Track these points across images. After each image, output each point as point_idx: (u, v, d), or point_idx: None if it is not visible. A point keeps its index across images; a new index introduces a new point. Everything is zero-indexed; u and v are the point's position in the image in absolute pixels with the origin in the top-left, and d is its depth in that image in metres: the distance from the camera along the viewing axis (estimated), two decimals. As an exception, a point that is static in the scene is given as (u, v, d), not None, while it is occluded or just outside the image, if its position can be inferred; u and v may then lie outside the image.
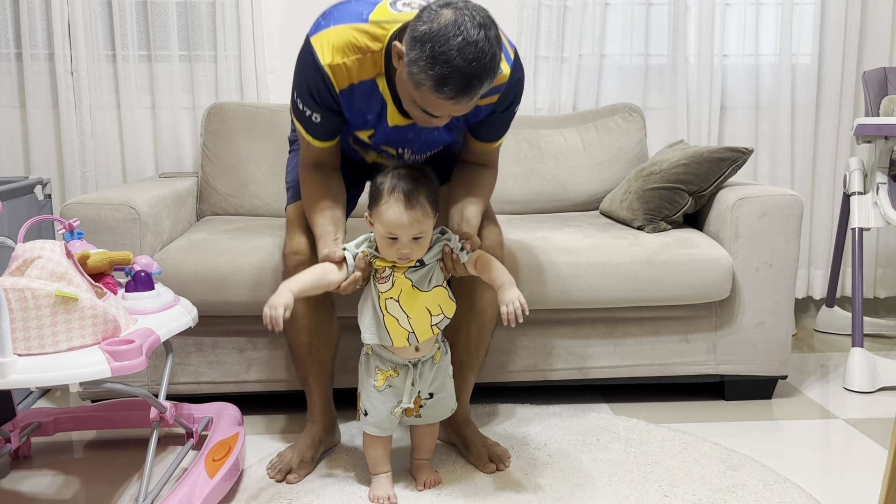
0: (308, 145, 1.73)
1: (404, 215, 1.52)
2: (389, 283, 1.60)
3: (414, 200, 1.53)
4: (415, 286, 1.60)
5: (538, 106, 2.96)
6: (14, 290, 1.38)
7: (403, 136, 1.74)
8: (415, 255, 1.58)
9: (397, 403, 1.66)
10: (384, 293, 1.61)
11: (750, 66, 3.00)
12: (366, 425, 1.68)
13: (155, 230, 2.12)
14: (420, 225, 1.54)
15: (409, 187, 1.54)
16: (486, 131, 1.77)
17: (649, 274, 2.11)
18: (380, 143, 1.77)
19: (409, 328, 1.62)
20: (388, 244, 1.56)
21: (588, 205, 2.74)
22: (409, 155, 1.82)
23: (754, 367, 2.24)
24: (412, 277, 1.60)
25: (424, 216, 1.54)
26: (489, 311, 1.85)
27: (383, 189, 1.56)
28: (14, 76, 2.77)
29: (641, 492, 1.70)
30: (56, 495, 1.74)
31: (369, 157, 1.87)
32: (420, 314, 1.62)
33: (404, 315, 1.61)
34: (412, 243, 1.56)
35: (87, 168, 2.79)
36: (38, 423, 1.93)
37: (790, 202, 2.17)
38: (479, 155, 1.82)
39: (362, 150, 1.85)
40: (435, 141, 1.79)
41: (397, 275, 1.60)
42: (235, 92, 2.83)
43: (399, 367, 1.66)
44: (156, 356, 2.07)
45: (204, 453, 1.69)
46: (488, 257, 1.65)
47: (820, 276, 3.13)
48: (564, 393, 2.29)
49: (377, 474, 1.71)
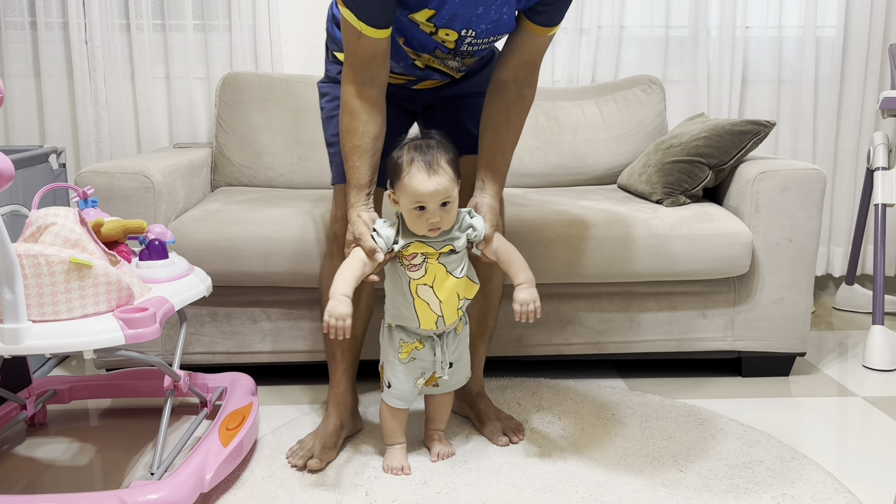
0: (360, 40, 1.54)
1: (429, 182, 1.50)
2: (423, 270, 1.58)
3: (436, 165, 1.51)
4: (449, 272, 1.59)
5: (556, 78, 2.92)
6: (28, 256, 1.38)
7: (472, 10, 1.55)
8: (445, 223, 1.55)
9: (421, 375, 1.66)
10: (416, 280, 1.59)
11: (773, 39, 2.94)
12: (389, 397, 1.68)
13: (169, 200, 2.11)
14: (446, 190, 1.52)
15: (428, 154, 1.52)
16: (549, 10, 1.59)
17: (667, 248, 2.09)
18: (442, 23, 1.57)
19: (439, 312, 1.61)
20: (417, 216, 1.53)
21: (606, 178, 2.71)
22: (472, 39, 1.62)
23: (772, 344, 2.21)
24: (446, 262, 1.58)
25: (449, 180, 1.52)
26: (494, 280, 1.84)
27: (402, 162, 1.53)
28: (28, 45, 2.76)
29: (656, 466, 1.69)
30: (71, 462, 1.75)
31: (421, 60, 1.70)
32: (451, 299, 1.61)
33: (436, 300, 1.60)
34: (441, 211, 1.53)
35: (101, 137, 2.78)
36: (53, 390, 1.94)
37: (812, 176, 2.13)
38: (527, 56, 1.65)
39: (413, 51, 1.67)
40: (502, 22, 1.60)
41: (430, 262, 1.58)
42: (250, 62, 2.81)
43: (424, 339, 1.65)
44: (170, 326, 2.07)
45: (218, 422, 1.69)
46: (509, 249, 1.64)
47: (840, 254, 3.09)
48: (579, 367, 2.28)
49: (392, 445, 1.70)
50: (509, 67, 1.67)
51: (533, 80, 1.70)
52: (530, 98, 1.72)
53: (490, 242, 1.63)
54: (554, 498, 1.55)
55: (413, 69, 1.73)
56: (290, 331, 2.13)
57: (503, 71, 1.68)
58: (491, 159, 1.69)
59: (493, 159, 1.69)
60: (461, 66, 1.73)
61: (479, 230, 1.61)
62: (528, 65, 1.68)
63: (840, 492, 1.58)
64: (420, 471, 1.67)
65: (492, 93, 1.70)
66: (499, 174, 1.69)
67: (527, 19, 1.61)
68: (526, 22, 1.61)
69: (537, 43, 1.65)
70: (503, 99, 1.68)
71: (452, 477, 1.64)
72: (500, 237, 1.65)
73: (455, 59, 1.70)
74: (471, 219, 1.61)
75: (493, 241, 1.63)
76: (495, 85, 1.70)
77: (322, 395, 2.08)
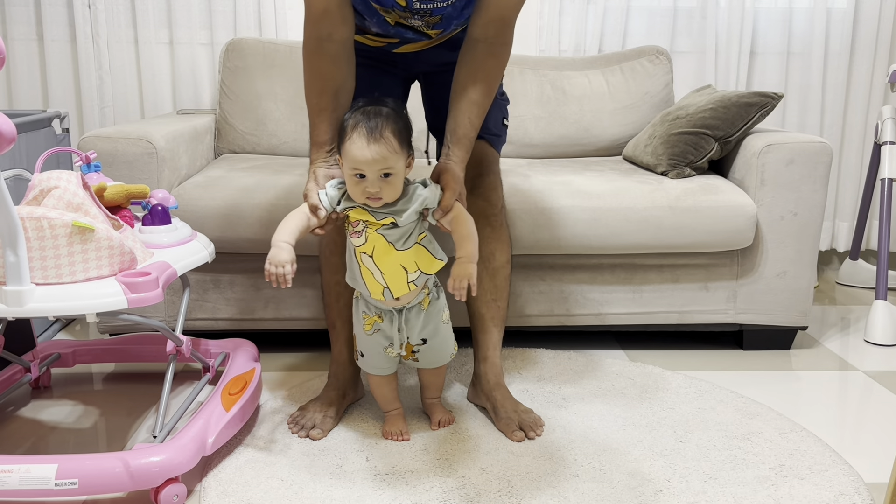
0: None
1: (367, 150, 1.43)
2: (363, 238, 1.53)
3: (378, 134, 1.44)
4: (389, 242, 1.53)
5: (563, 47, 2.90)
6: (31, 218, 1.38)
7: None
8: (385, 195, 1.48)
9: (389, 345, 1.64)
10: (357, 247, 1.55)
11: (783, 10, 2.91)
12: (364, 365, 1.68)
13: (172, 165, 2.10)
14: (385, 161, 1.44)
15: (372, 122, 1.45)
16: None
17: (671, 220, 2.08)
18: None
19: (383, 283, 1.56)
20: (355, 183, 1.47)
21: (611, 149, 2.69)
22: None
23: (774, 317, 2.22)
24: (385, 234, 1.52)
25: (390, 151, 1.44)
26: (498, 257, 1.78)
27: (347, 126, 1.47)
28: (31, 9, 2.74)
29: (655, 436, 1.70)
30: (75, 424, 1.76)
31: (390, 16, 1.63)
32: (395, 271, 1.54)
33: (378, 271, 1.54)
34: (381, 182, 1.46)
35: (104, 103, 2.77)
36: (57, 354, 1.96)
37: (819, 149, 2.12)
38: (495, 12, 1.56)
39: (381, 7, 1.61)
40: None
41: (370, 231, 1.52)
42: (254, 28, 2.79)
43: (384, 313, 1.62)
44: (172, 291, 2.08)
45: (220, 387, 1.70)
46: (463, 221, 1.54)
47: (845, 229, 3.08)
48: (580, 339, 2.28)
49: (388, 411, 1.71)
50: (478, 24, 1.58)
51: (505, 38, 1.61)
52: (504, 57, 1.62)
53: (448, 212, 1.53)
54: (553, 466, 1.56)
55: (386, 26, 1.66)
56: (293, 298, 2.13)
57: (473, 27, 1.59)
58: (457, 122, 1.60)
59: (459, 122, 1.60)
60: (426, 24, 1.65)
61: (429, 199, 1.52)
62: (498, 21, 1.58)
63: (837, 463, 1.59)
64: (420, 437, 1.68)
65: (463, 51, 1.62)
66: (465, 139, 1.60)
67: None
68: None
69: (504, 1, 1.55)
70: (472, 58, 1.59)
71: (452, 444, 1.65)
72: (459, 207, 1.55)
73: (415, 18, 1.62)
74: (423, 188, 1.53)
75: (452, 212, 1.53)
76: (466, 43, 1.61)
77: (324, 362, 2.09)
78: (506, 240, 1.80)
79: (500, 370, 1.82)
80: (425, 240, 1.57)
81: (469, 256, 1.52)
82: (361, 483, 1.50)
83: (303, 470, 1.55)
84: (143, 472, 1.36)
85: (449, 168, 1.57)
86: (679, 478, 1.53)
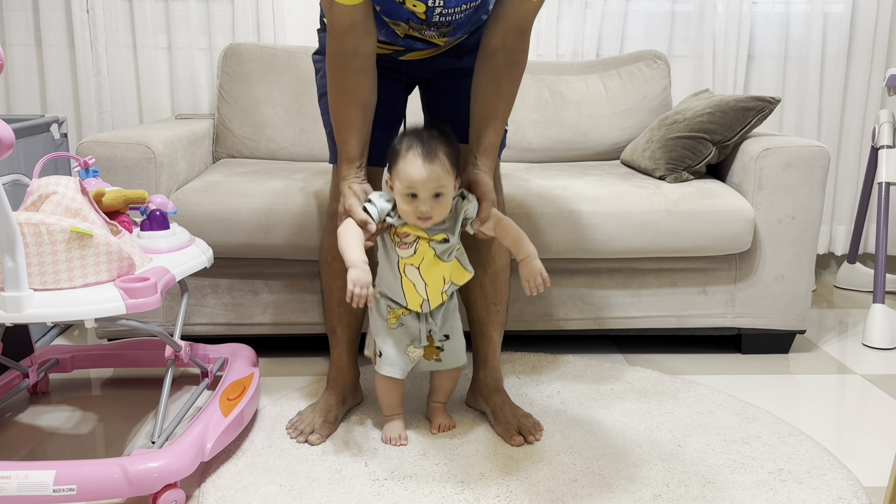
0: (332, 8, 1.48)
1: (423, 169, 1.48)
2: (412, 249, 1.57)
3: (433, 155, 1.49)
4: (437, 256, 1.58)
5: (560, 52, 2.90)
6: (29, 224, 1.38)
7: None
8: (436, 215, 1.53)
9: (410, 342, 1.66)
10: (404, 258, 1.58)
11: (780, 14, 2.92)
12: (383, 366, 1.67)
13: (171, 171, 2.10)
14: (440, 180, 1.50)
15: (427, 143, 1.50)
16: None
17: (669, 224, 2.08)
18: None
19: (424, 296, 1.61)
20: (408, 202, 1.51)
21: (609, 154, 2.70)
22: (442, 9, 1.54)
23: (772, 321, 2.22)
24: (436, 247, 1.58)
25: (444, 171, 1.50)
26: (498, 261, 1.79)
27: (401, 148, 1.52)
28: (30, 14, 2.74)
29: (654, 441, 1.70)
30: (73, 430, 1.76)
31: (400, 29, 1.63)
32: (436, 283, 1.61)
33: (422, 282, 1.60)
34: (433, 201, 1.51)
35: (103, 108, 2.77)
36: (55, 359, 1.95)
37: (816, 153, 2.12)
38: (514, 21, 1.56)
39: (391, 21, 1.60)
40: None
41: (422, 243, 1.57)
42: (252, 33, 2.79)
43: (409, 309, 1.65)
44: (171, 297, 2.08)
45: (219, 393, 1.70)
46: (507, 224, 1.61)
47: (843, 233, 3.08)
48: (579, 343, 2.28)
49: (390, 416, 1.72)
50: (496, 35, 1.58)
51: (523, 46, 1.62)
52: (522, 65, 1.63)
53: (487, 221, 1.59)
54: (552, 471, 1.56)
55: (395, 37, 1.67)
56: (292, 303, 2.13)
57: (491, 38, 1.59)
58: (482, 133, 1.62)
59: (484, 132, 1.62)
60: (439, 34, 1.65)
61: (471, 210, 1.58)
62: (517, 30, 1.58)
63: (836, 467, 1.59)
64: (419, 442, 1.68)
65: (481, 61, 1.63)
66: (491, 148, 1.63)
67: None
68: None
69: (523, 9, 1.55)
70: (492, 68, 1.60)
71: (451, 448, 1.65)
72: (497, 213, 1.62)
73: (430, 29, 1.62)
74: (463, 200, 1.59)
75: (492, 220, 1.60)
76: (484, 53, 1.61)
77: (323, 367, 2.09)
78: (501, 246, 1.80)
79: (499, 374, 1.82)
80: (459, 252, 1.64)
81: (531, 254, 1.59)
82: (360, 488, 1.50)
83: (301, 475, 1.54)
84: (142, 478, 1.36)
85: (480, 178, 1.61)
86: (678, 482, 1.53)
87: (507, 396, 1.80)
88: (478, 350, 1.83)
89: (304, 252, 2.04)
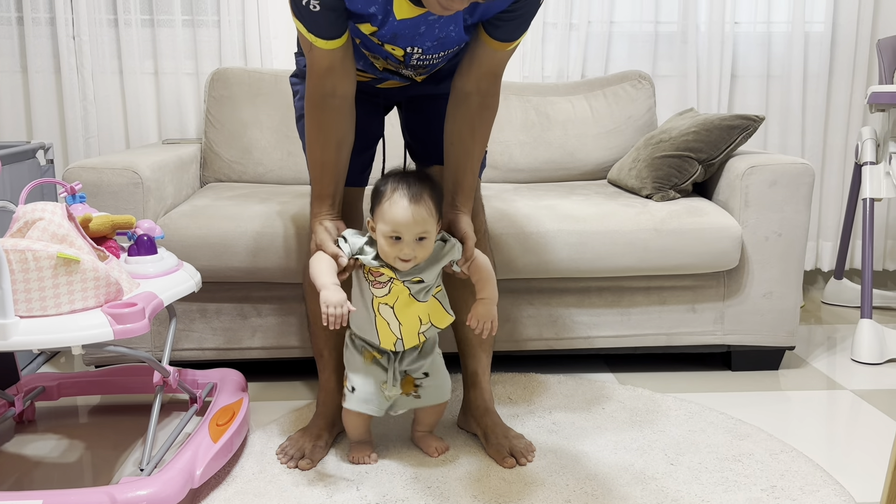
0: (312, 51, 1.51)
1: (408, 210, 1.47)
2: (386, 289, 1.56)
3: (418, 197, 1.49)
4: (412, 296, 1.57)
5: (546, 73, 2.92)
6: (15, 251, 1.37)
7: (414, 30, 1.52)
8: (419, 257, 1.52)
9: (385, 379, 1.64)
10: (379, 297, 1.57)
11: (762, 34, 2.96)
12: (352, 402, 1.64)
13: (158, 195, 2.10)
14: (425, 224, 1.49)
15: (413, 186, 1.50)
16: (508, 26, 1.53)
17: (657, 242, 2.09)
18: (385, 39, 1.55)
19: (398, 335, 1.60)
20: (391, 244, 1.50)
21: (596, 173, 2.71)
22: (419, 55, 1.59)
23: (762, 338, 2.22)
24: (411, 287, 1.57)
25: (429, 214, 1.50)
26: None
27: (386, 189, 1.51)
28: (16, 40, 2.74)
29: (647, 460, 1.69)
30: (60, 459, 1.74)
31: (378, 63, 1.66)
32: (411, 323, 1.60)
33: (396, 322, 1.58)
34: (416, 244, 1.50)
35: (89, 134, 2.77)
36: (41, 387, 1.93)
37: (801, 171, 2.14)
38: (487, 68, 1.59)
39: (371, 54, 1.63)
40: (449, 39, 1.56)
41: (396, 283, 1.56)
42: (239, 58, 2.80)
43: (381, 351, 1.64)
44: (159, 322, 2.06)
45: (208, 418, 1.68)
46: (482, 263, 1.61)
47: (829, 249, 3.11)
48: (570, 362, 2.28)
49: (358, 441, 1.71)
50: (470, 79, 1.61)
51: (495, 90, 1.64)
52: (494, 109, 1.66)
53: (470, 261, 1.60)
54: (545, 492, 1.55)
55: (373, 69, 1.69)
56: (280, 327, 2.12)
57: (464, 82, 1.61)
58: (460, 176, 1.64)
59: (462, 176, 1.64)
60: (416, 73, 1.69)
61: (455, 253, 1.59)
62: (490, 76, 1.61)
63: (829, 483, 1.59)
64: (411, 466, 1.67)
65: (454, 104, 1.64)
66: (469, 189, 1.66)
67: (485, 32, 1.55)
68: (484, 35, 1.55)
69: (496, 56, 1.59)
70: (466, 112, 1.63)
71: (443, 472, 1.64)
72: (478, 252, 1.62)
73: (408, 69, 1.66)
74: (444, 243, 1.58)
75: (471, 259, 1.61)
76: (457, 96, 1.63)
77: (312, 390, 2.08)
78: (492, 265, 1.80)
79: (489, 395, 1.81)
80: (440, 293, 1.63)
81: (491, 298, 1.60)
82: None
83: (292, 501, 1.53)
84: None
85: (461, 220, 1.63)
86: (671, 501, 1.52)
87: (497, 417, 1.79)
88: (467, 371, 1.82)
89: (292, 275, 2.03)
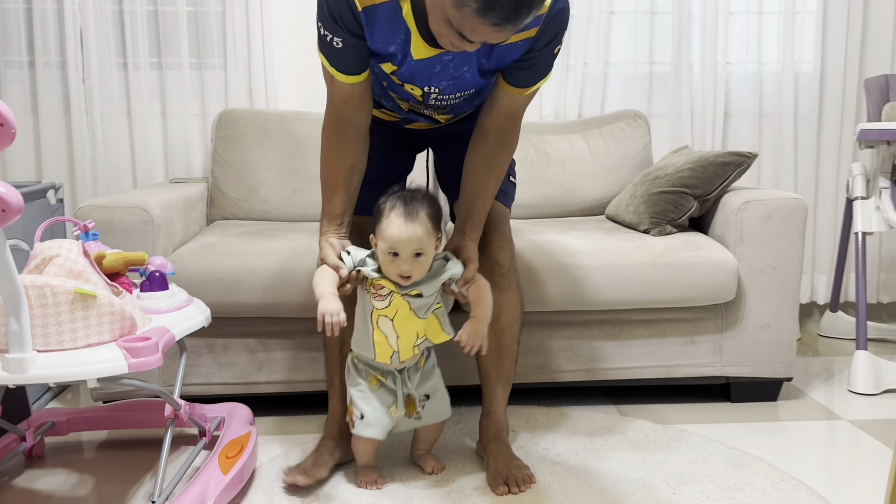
0: (333, 83, 1.63)
1: (404, 229, 1.55)
2: (387, 301, 1.62)
3: (414, 216, 1.57)
4: (412, 310, 1.63)
5: (544, 112, 3.00)
6: (34, 286, 1.41)
7: (430, 69, 1.61)
8: (416, 274, 1.59)
9: (393, 402, 1.69)
10: (379, 310, 1.63)
11: (753, 74, 3.04)
12: (363, 429, 1.69)
13: (167, 233, 2.14)
14: (420, 241, 1.57)
15: (409, 205, 1.58)
16: (523, 74, 1.62)
17: (655, 276, 2.14)
18: (404, 79, 1.65)
19: (395, 347, 1.65)
20: (390, 261, 1.59)
21: (594, 209, 2.77)
22: (437, 95, 1.68)
23: (759, 369, 2.26)
24: (410, 301, 1.63)
25: (425, 233, 1.57)
26: (504, 318, 1.81)
27: (384, 208, 1.60)
28: (27, 84, 2.80)
29: (650, 489, 1.72)
30: (70, 493, 1.76)
31: (403, 104, 1.76)
32: (409, 336, 1.66)
33: (394, 334, 1.64)
34: (413, 261, 1.58)
35: (97, 174, 2.82)
36: (51, 422, 1.96)
37: (794, 205, 2.20)
38: (506, 110, 1.69)
39: (397, 96, 1.74)
40: (465, 80, 1.65)
41: (396, 296, 1.62)
42: (245, 99, 2.87)
43: (385, 374, 1.70)
44: (169, 356, 2.09)
45: (217, 451, 1.71)
46: (479, 285, 1.68)
47: (824, 282, 3.15)
48: (572, 394, 2.31)
49: (365, 466, 1.75)
50: (490, 118, 1.71)
51: (514, 130, 1.74)
52: (512, 148, 1.76)
53: (472, 283, 1.67)
54: (550, 521, 1.58)
55: (399, 110, 1.79)
56: (287, 361, 2.15)
57: (485, 121, 1.73)
58: (472, 206, 1.73)
59: (473, 206, 1.73)
60: (438, 114, 1.78)
61: (456, 273, 1.65)
62: (509, 117, 1.71)
63: (829, 511, 1.62)
64: (405, 486, 1.70)
65: (475, 139, 1.75)
66: (479, 218, 1.74)
67: (503, 79, 1.65)
68: (501, 80, 1.66)
69: (515, 101, 1.68)
70: (485, 147, 1.73)
71: (440, 496, 1.66)
72: (479, 276, 1.70)
73: (428, 110, 1.75)
74: (446, 262, 1.66)
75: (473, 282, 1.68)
76: (478, 132, 1.74)
77: (319, 425, 2.10)
78: (514, 301, 1.84)
79: (502, 425, 1.86)
80: (440, 311, 1.69)
81: (483, 317, 1.66)
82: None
83: (301, 532, 1.55)
84: (144, 537, 1.36)
85: (468, 244, 1.70)
86: (674, 529, 1.54)
87: (503, 446, 1.82)
88: (483, 401, 1.88)
89: (299, 311, 2.07)
